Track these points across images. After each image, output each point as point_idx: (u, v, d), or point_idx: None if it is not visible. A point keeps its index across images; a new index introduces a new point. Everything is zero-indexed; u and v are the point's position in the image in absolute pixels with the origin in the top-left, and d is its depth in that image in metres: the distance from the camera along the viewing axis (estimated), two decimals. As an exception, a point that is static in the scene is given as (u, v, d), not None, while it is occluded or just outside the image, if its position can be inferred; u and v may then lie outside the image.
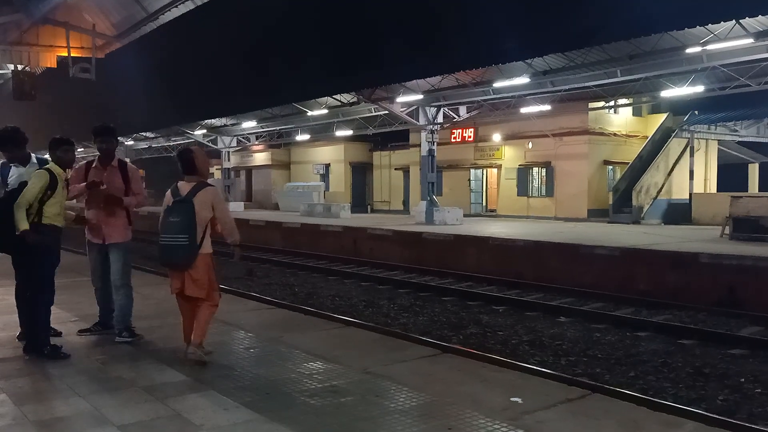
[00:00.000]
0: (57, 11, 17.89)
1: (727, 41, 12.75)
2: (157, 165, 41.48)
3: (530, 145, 24.22)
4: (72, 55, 17.48)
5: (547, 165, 23.72)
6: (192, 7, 16.71)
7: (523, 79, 16.52)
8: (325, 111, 23.63)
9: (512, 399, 4.00)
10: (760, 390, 6.46)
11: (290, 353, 5.11)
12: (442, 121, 21.29)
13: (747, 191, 23.17)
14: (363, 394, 4.08)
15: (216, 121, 29.20)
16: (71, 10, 18.67)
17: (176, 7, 16.98)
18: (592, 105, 21.89)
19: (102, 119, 6.17)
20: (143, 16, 18.43)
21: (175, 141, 36.47)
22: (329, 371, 4.60)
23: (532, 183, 24.50)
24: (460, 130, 25.72)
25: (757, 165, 25.78)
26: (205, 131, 30.72)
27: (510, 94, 19.16)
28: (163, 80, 18.47)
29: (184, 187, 4.72)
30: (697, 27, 11.48)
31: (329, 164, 33.44)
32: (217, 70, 16.57)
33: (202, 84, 17.57)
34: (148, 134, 35.56)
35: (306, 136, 30.88)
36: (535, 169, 24.35)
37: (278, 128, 30.12)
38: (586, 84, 17.26)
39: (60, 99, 22.35)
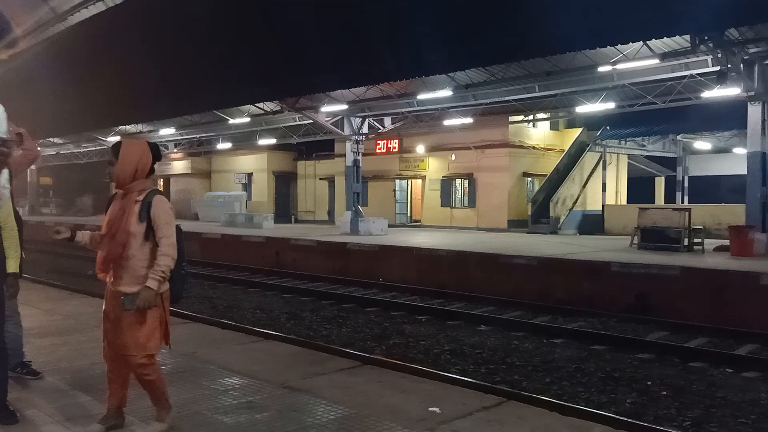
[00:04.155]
0: (-44, 8, 16.70)
1: (635, 61, 13.55)
2: (65, 173, 39.37)
3: (453, 156, 24.72)
4: (-29, 54, 16.34)
5: (469, 176, 24.27)
6: (103, 8, 15.98)
7: (446, 92, 16.87)
8: (248, 119, 23.21)
9: (430, 409, 4.00)
10: (665, 392, 6.78)
11: (205, 369, 4.90)
12: (367, 131, 21.40)
13: (654, 203, 24.60)
14: (280, 410, 3.96)
15: (131, 128, 28.06)
16: (-29, 7, 17.48)
17: (86, 8, 16.18)
18: (512, 119, 22.61)
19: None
20: (51, 16, 17.48)
21: (85, 147, 34.83)
22: (245, 387, 4.44)
23: (455, 194, 25.00)
24: (385, 141, 25.93)
25: (663, 178, 27.44)
26: (119, 138, 29.45)
27: (433, 107, 19.51)
28: (74, 83, 17.54)
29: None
30: (608, 47, 12.13)
31: (252, 173, 32.81)
32: (133, 75, 15.89)
33: (118, 88, 16.79)
34: (57, 140, 33.81)
35: (228, 145, 30.23)
36: (458, 181, 24.86)
37: (198, 136, 29.34)
38: (506, 98, 17.83)
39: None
